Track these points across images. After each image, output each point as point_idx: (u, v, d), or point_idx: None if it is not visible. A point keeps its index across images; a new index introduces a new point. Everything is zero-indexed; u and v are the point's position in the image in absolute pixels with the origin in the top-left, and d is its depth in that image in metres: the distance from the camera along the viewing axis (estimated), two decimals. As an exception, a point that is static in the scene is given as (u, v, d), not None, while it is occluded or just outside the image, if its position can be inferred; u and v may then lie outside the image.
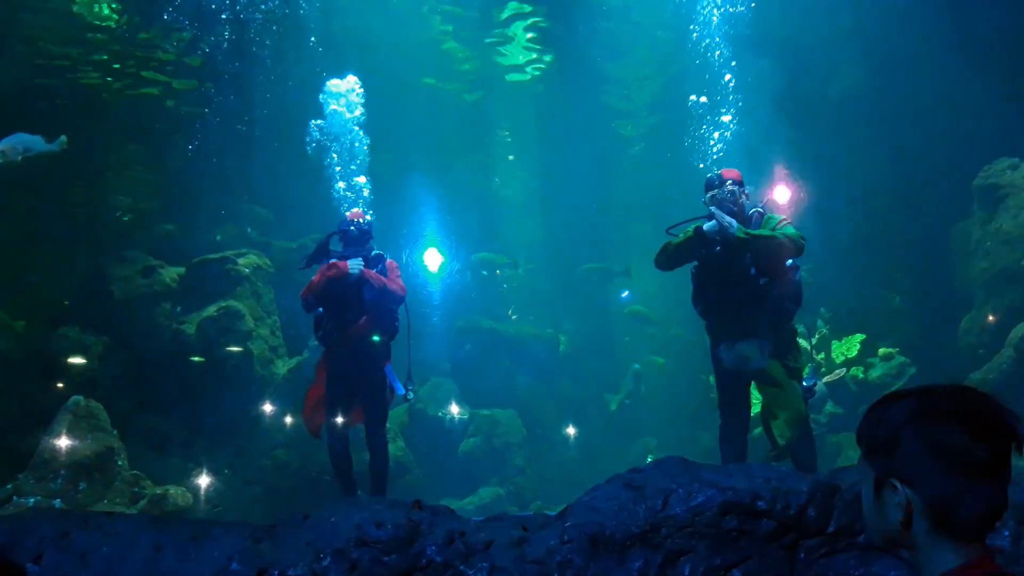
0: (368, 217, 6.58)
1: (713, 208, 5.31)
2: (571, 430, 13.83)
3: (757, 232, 5.25)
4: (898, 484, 1.44)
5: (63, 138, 6.79)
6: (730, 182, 5.47)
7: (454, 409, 12.36)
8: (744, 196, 5.51)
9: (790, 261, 5.39)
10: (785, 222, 5.40)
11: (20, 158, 6.64)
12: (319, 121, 9.47)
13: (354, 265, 6.20)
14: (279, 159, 13.99)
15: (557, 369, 14.96)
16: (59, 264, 12.68)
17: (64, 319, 10.65)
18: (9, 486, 7.84)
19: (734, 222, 5.22)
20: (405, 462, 11.23)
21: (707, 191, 5.55)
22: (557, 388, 14.85)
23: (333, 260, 6.29)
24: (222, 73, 12.41)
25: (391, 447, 10.92)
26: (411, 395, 6.70)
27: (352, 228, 6.37)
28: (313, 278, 6.31)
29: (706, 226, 5.30)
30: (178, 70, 12.51)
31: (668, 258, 5.58)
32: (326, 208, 9.40)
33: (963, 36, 11.19)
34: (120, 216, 13.76)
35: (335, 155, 9.31)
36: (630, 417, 14.67)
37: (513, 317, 16.19)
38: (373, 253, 6.44)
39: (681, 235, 5.52)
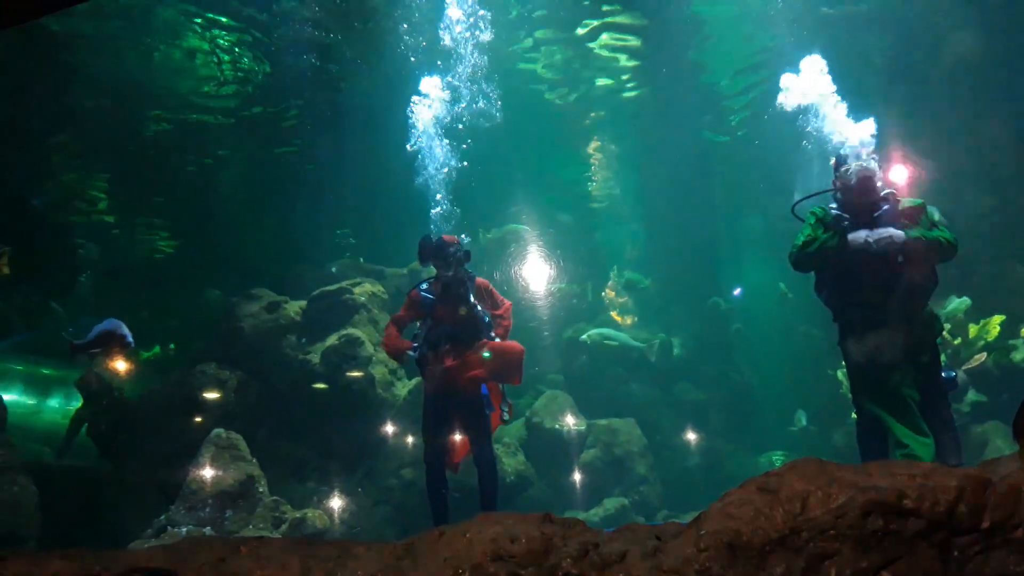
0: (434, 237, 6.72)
1: (863, 232, 5.03)
2: (692, 435, 13.53)
3: (919, 235, 4.97)
4: None
5: (7, 249, 7.46)
6: (866, 155, 5.11)
7: (570, 421, 12.29)
8: (879, 171, 5.16)
9: None
10: (930, 213, 5.11)
11: None
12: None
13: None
14: (378, 192, 14.51)
15: (673, 374, 14.71)
16: (194, 305, 13.59)
17: (202, 356, 11.36)
18: (163, 517, 8.40)
19: (894, 233, 4.95)
20: (527, 476, 11.30)
21: (836, 169, 5.29)
22: (674, 393, 14.59)
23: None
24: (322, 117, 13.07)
25: (512, 461, 11.07)
26: (506, 416, 6.75)
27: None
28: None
29: (851, 235, 5.06)
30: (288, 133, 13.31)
31: (809, 260, 5.26)
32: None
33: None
34: (247, 257, 14.60)
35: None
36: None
37: (626, 323, 16.03)
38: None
39: (825, 238, 5.16)
